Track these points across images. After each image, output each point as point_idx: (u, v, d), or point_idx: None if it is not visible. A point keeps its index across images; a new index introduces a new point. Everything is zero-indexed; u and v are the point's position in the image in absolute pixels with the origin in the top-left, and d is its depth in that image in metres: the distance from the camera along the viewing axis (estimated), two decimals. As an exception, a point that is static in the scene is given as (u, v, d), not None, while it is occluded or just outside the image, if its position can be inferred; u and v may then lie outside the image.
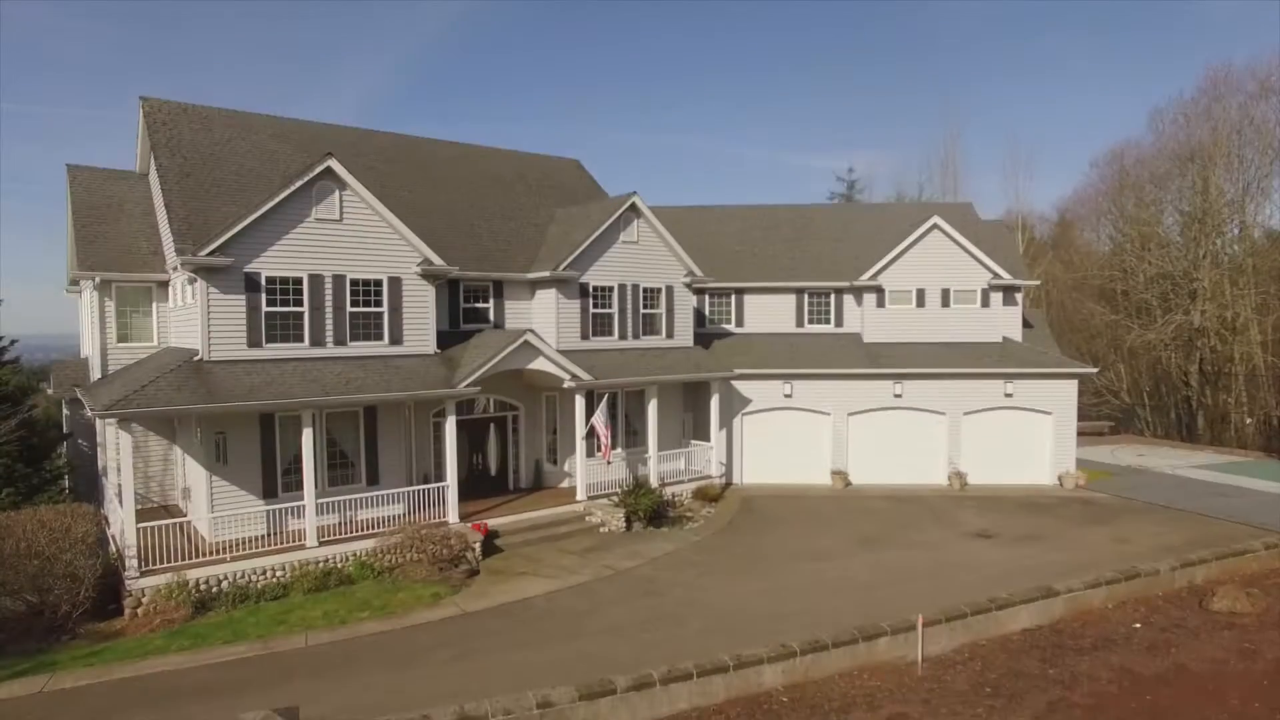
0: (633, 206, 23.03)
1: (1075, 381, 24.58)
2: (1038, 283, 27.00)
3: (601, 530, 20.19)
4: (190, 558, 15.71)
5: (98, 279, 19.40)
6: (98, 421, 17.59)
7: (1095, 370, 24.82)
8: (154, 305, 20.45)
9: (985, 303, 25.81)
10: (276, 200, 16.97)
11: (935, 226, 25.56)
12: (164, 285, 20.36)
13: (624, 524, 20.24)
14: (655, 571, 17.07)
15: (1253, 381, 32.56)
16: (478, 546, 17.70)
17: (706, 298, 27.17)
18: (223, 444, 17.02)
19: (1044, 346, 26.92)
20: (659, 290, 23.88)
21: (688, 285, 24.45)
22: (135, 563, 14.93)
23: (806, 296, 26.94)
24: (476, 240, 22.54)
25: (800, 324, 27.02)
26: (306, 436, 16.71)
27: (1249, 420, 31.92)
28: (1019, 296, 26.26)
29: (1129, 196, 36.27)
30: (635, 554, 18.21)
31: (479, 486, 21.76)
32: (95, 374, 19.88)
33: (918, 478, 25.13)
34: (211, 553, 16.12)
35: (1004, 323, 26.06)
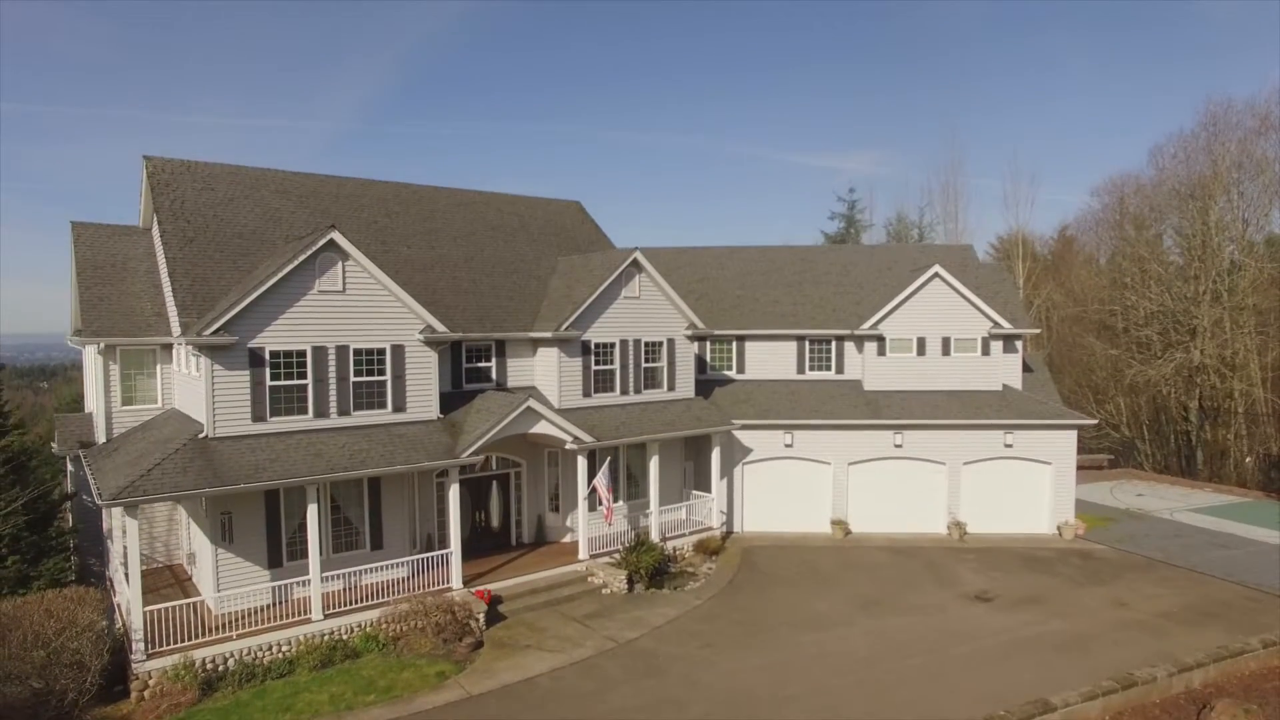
0: (634, 262, 23.12)
1: (1075, 432, 24.68)
2: (1038, 330, 27.09)
3: (604, 592, 20.31)
4: (196, 635, 15.80)
5: (102, 344, 19.49)
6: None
7: (1095, 421, 24.88)
8: (158, 367, 20.54)
9: (986, 351, 25.91)
10: (279, 276, 17.06)
11: (936, 275, 25.65)
12: (167, 348, 20.45)
13: (626, 585, 20.35)
14: (657, 644, 17.17)
15: (1252, 417, 32.71)
16: (481, 616, 17.83)
17: (707, 344, 27.26)
18: (228, 523, 17.13)
19: (1044, 392, 27.04)
20: (660, 344, 23.98)
21: (689, 337, 24.55)
22: (142, 645, 15.04)
23: (807, 343, 27.04)
24: (478, 297, 22.63)
25: (801, 370, 27.12)
26: (311, 512, 16.83)
27: (1248, 459, 32.05)
28: (1019, 344, 26.37)
29: (1129, 230, 36.36)
30: (637, 622, 18.33)
31: (481, 543, 21.88)
32: (100, 435, 19.97)
33: (917, 526, 25.26)
34: (217, 627, 16.24)
35: (1004, 370, 26.17)
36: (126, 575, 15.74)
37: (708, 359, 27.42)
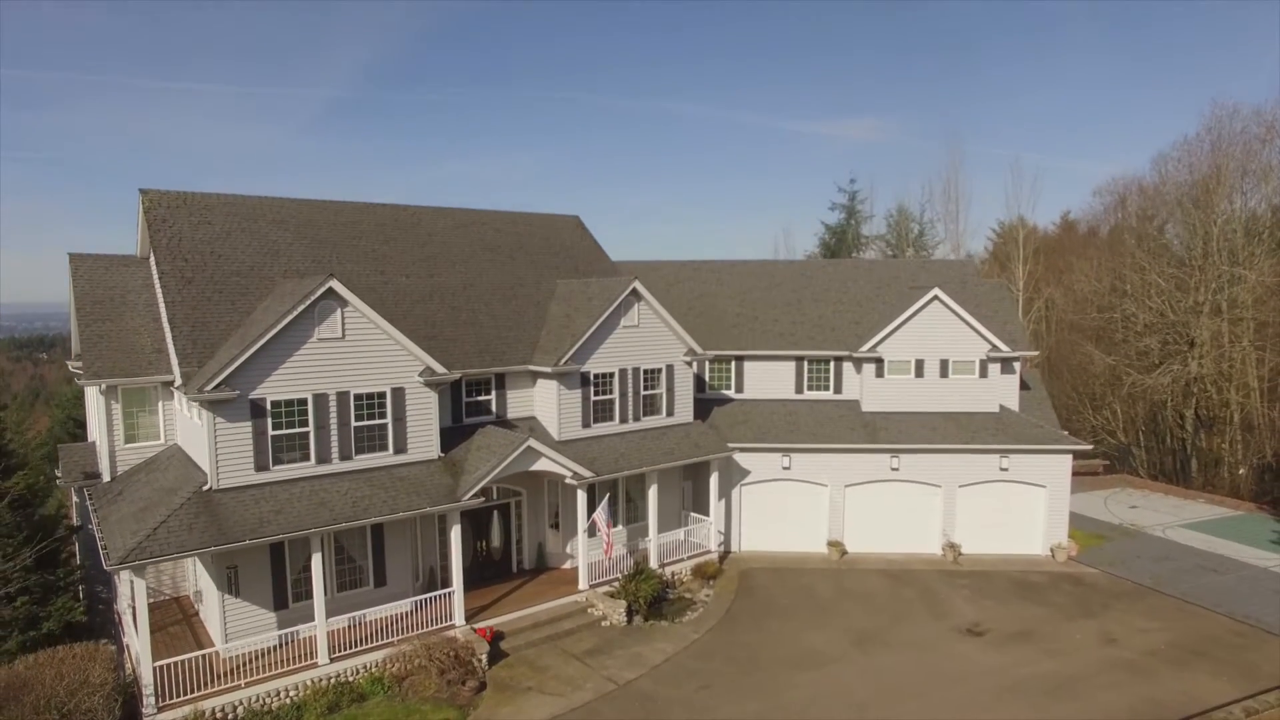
0: (634, 292, 23.13)
1: (1069, 456, 24.91)
2: (1035, 353, 27.15)
3: (603, 625, 20.69)
4: (205, 685, 16.16)
5: (104, 385, 19.59)
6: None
7: (1089, 447, 25.10)
8: (160, 404, 20.66)
9: (984, 373, 26.03)
10: (279, 327, 17.11)
11: (936, 298, 25.65)
12: (169, 384, 20.54)
13: (625, 617, 20.73)
14: (656, 686, 17.56)
15: (1248, 426, 32.94)
16: (484, 657, 18.20)
17: (707, 363, 27.36)
18: (234, 575, 17.40)
19: (1040, 411, 27.22)
20: (659, 370, 24.09)
21: (688, 362, 24.63)
22: (152, 699, 15.42)
23: (806, 364, 27.14)
24: (477, 328, 22.67)
25: (800, 390, 27.26)
26: (316, 561, 17.11)
27: (1241, 470, 32.35)
28: (1017, 365, 26.47)
29: (1129, 240, 36.18)
30: (636, 659, 18.72)
31: (483, 572, 22.23)
32: (105, 472, 20.17)
33: (913, 547, 25.63)
34: (226, 673, 16.60)
35: (1001, 391, 26.31)
36: (135, 626, 16.06)
37: (706, 378, 27.55)
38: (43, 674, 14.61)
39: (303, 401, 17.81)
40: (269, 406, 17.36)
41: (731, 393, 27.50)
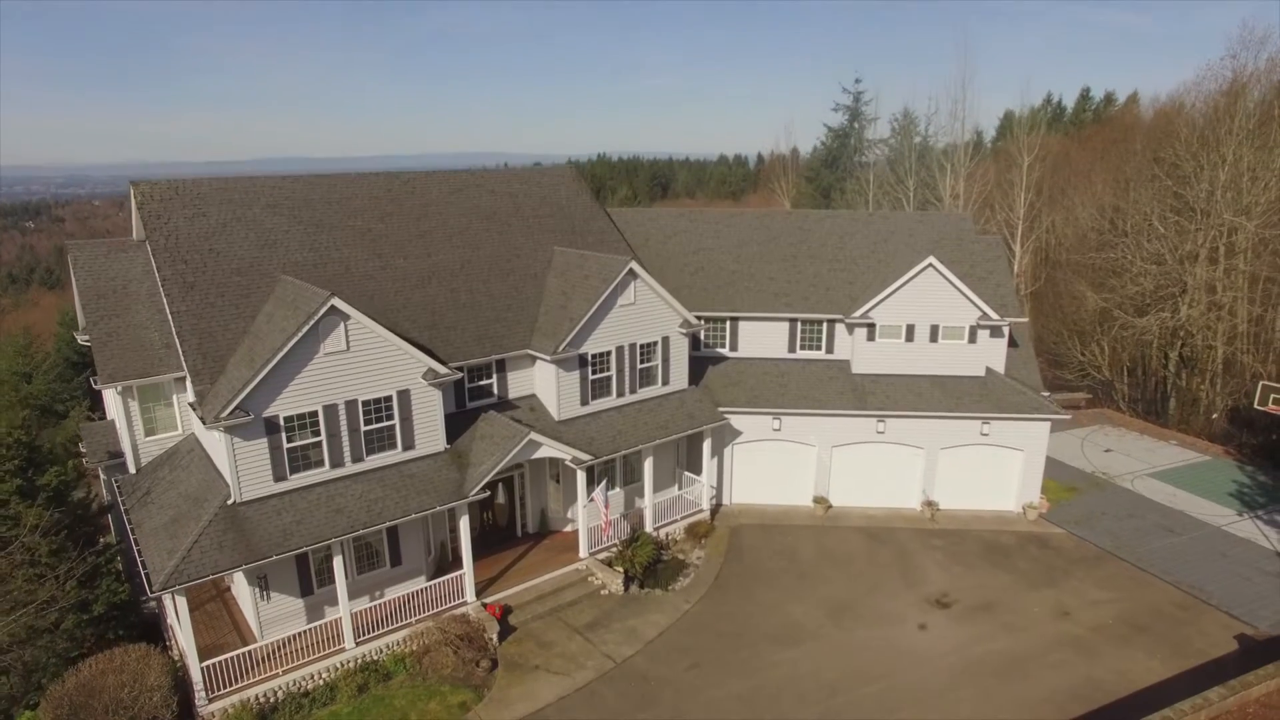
0: (630, 271, 23.30)
1: (1048, 424, 26.00)
2: (1025, 320, 27.51)
3: (603, 593, 22.60)
4: (248, 675, 18.11)
5: (119, 388, 20.35)
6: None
7: (1068, 416, 26.11)
8: (174, 396, 21.48)
9: (973, 339, 26.61)
10: (286, 349, 17.65)
11: (930, 266, 25.78)
12: (181, 380, 21.25)
13: (622, 586, 22.61)
14: (649, 664, 19.59)
15: (1230, 367, 33.75)
16: (495, 636, 20.17)
17: (703, 321, 27.82)
18: (265, 582, 18.96)
19: (1027, 370, 27.99)
20: (655, 343, 24.68)
21: (683, 333, 25.17)
22: (203, 692, 17.39)
23: (799, 325, 27.65)
24: (475, 310, 23.04)
25: (792, 349, 27.95)
26: (337, 562, 18.65)
27: (1215, 415, 33.52)
28: (1006, 329, 26.98)
29: (1132, 164, 35.24)
30: (632, 634, 20.70)
31: (489, 539, 23.95)
32: (130, 464, 21.33)
33: (894, 502, 27.33)
34: (264, 660, 18.55)
35: (989, 353, 26.99)
36: (181, 631, 17.78)
37: (702, 336, 28.13)
38: (106, 680, 16.44)
39: (314, 413, 18.66)
40: (282, 422, 18.24)
41: (726, 351, 28.20)
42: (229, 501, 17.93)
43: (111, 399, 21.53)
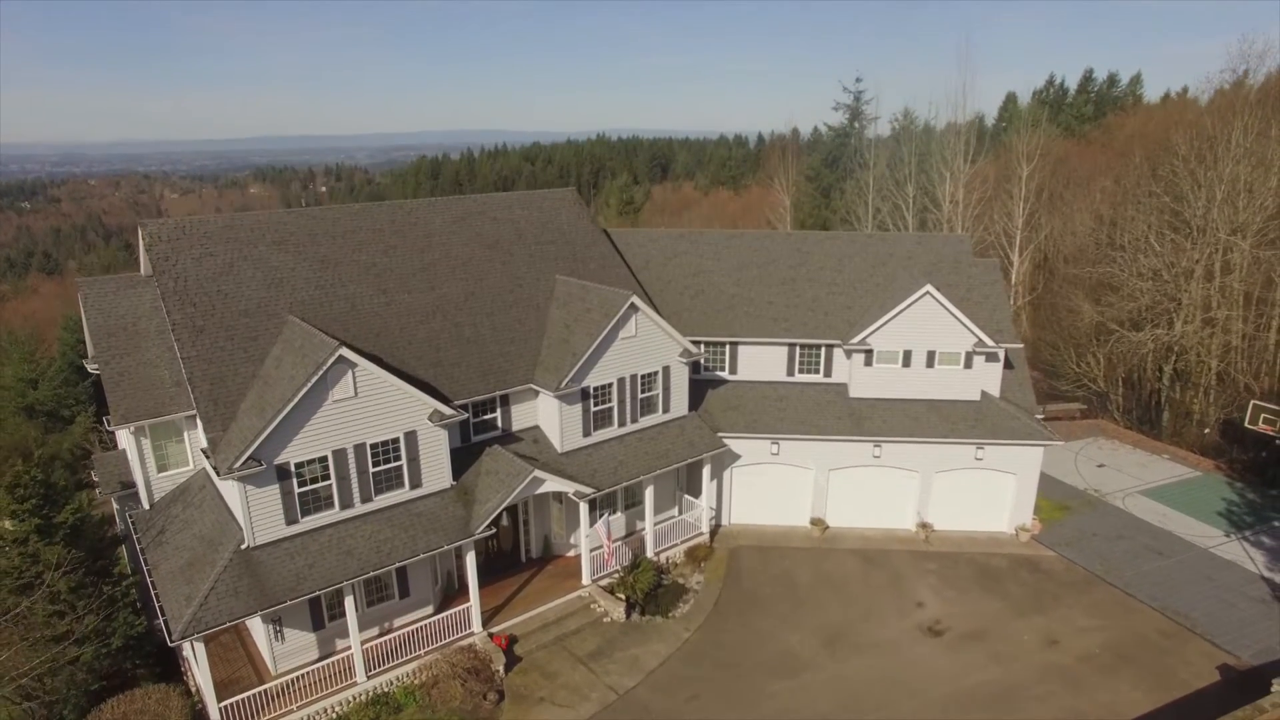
0: (631, 305, 23.65)
1: (1040, 449, 26.51)
2: (1020, 345, 27.91)
3: (605, 621, 23.24)
4: (264, 711, 18.78)
5: (132, 429, 20.81)
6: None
7: (1061, 442, 26.62)
8: (186, 433, 21.95)
9: (968, 364, 27.02)
10: (296, 400, 18.08)
11: (927, 294, 26.13)
12: (191, 417, 21.69)
13: (624, 614, 23.25)
14: (651, 695, 20.28)
15: (1223, 381, 34.19)
16: (501, 668, 20.83)
17: (703, 346, 28.23)
18: (279, 622, 19.55)
19: (1021, 391, 28.45)
20: (655, 373, 25.11)
21: (683, 361, 25.58)
22: (220, 730, 18.08)
23: (798, 349, 28.05)
24: (480, 345, 23.42)
25: (791, 373, 28.38)
26: (349, 602, 19.24)
27: (1206, 430, 34.02)
28: (1001, 354, 27.38)
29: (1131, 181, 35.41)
30: (634, 664, 21.37)
31: (494, 564, 24.55)
32: (144, 500, 21.88)
33: (889, 523, 27.94)
34: (279, 698, 19.20)
35: (984, 377, 27.42)
36: (198, 670, 18.41)
37: (701, 360, 28.54)
38: (130, 727, 17.09)
39: (323, 458, 19.16)
40: (293, 468, 18.73)
41: (726, 374, 28.64)
42: (242, 546, 18.47)
43: (125, 436, 21.99)
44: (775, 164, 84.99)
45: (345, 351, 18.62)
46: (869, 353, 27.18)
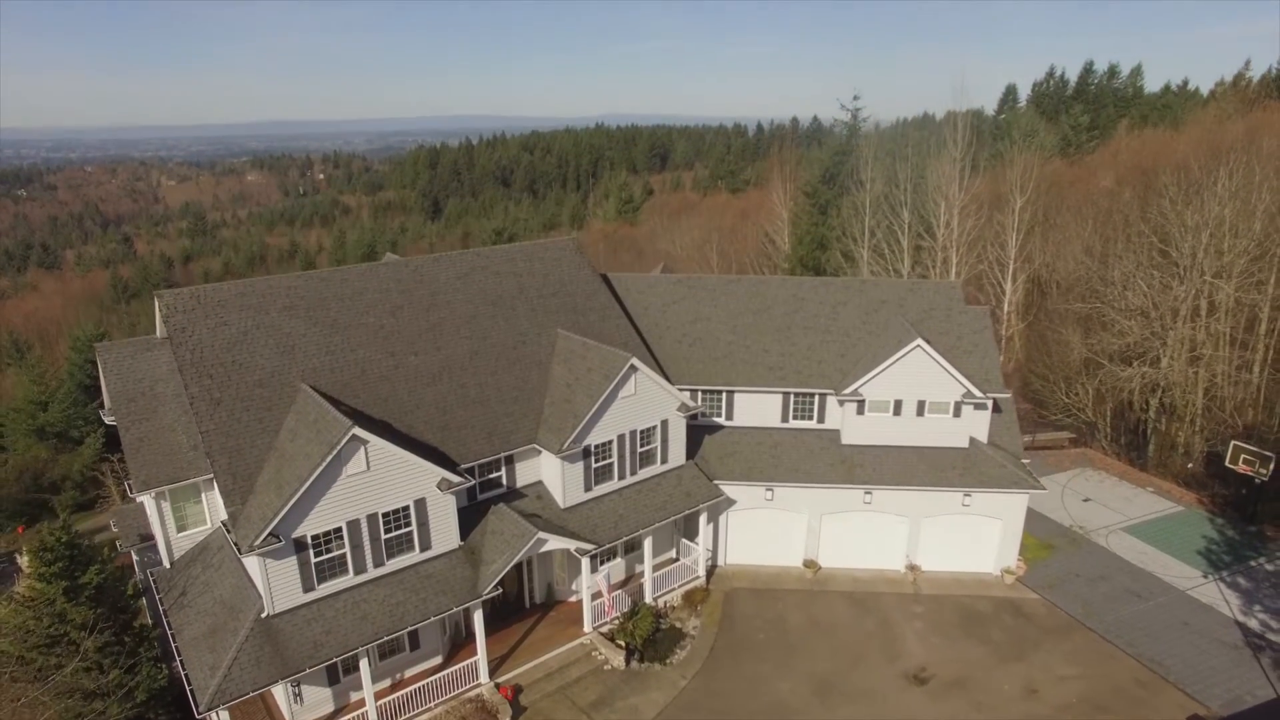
0: (631, 366, 24.50)
1: (1026, 496, 27.50)
2: (1008, 394, 28.80)
3: (605, 668, 24.31)
4: (283, 768, 19.92)
5: (153, 494, 21.74)
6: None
7: (1045, 490, 27.60)
8: (203, 495, 22.89)
9: (957, 414, 27.94)
10: (312, 479, 19.01)
11: (918, 347, 26.99)
12: (209, 480, 22.60)
13: (624, 661, 24.33)
14: (649, 748, 21.41)
15: (1209, 415, 35.15)
16: (508, 719, 21.93)
17: (700, 395, 29.12)
18: (298, 684, 20.59)
19: (1009, 434, 29.39)
20: (654, 427, 26.02)
21: (681, 415, 26.48)
22: (244, 789, 19.17)
23: (792, 396, 28.94)
24: (485, 407, 24.30)
25: (785, 419, 29.29)
26: (364, 664, 20.29)
27: (1190, 465, 35.00)
28: (990, 403, 28.28)
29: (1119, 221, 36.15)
30: (634, 713, 22.47)
31: (499, 610, 25.58)
32: (164, 559, 22.86)
33: (879, 564, 28.99)
34: (297, 751, 20.33)
35: (973, 424, 28.35)
36: (220, 728, 19.49)
37: (699, 411, 29.41)
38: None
39: (338, 529, 20.13)
40: (310, 540, 19.71)
41: (722, 419, 29.54)
42: (262, 615, 19.47)
43: (146, 500, 22.91)
44: (774, 165, 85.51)
45: (358, 431, 19.51)
46: (861, 402, 28.08)
